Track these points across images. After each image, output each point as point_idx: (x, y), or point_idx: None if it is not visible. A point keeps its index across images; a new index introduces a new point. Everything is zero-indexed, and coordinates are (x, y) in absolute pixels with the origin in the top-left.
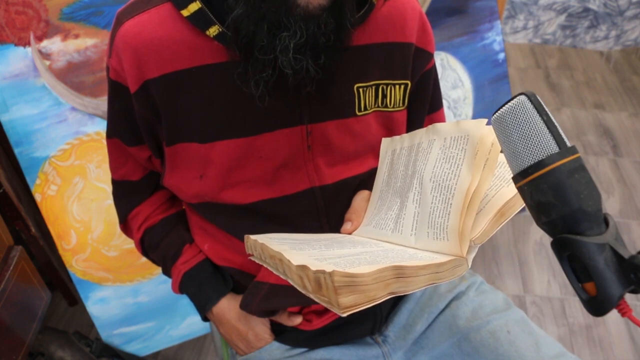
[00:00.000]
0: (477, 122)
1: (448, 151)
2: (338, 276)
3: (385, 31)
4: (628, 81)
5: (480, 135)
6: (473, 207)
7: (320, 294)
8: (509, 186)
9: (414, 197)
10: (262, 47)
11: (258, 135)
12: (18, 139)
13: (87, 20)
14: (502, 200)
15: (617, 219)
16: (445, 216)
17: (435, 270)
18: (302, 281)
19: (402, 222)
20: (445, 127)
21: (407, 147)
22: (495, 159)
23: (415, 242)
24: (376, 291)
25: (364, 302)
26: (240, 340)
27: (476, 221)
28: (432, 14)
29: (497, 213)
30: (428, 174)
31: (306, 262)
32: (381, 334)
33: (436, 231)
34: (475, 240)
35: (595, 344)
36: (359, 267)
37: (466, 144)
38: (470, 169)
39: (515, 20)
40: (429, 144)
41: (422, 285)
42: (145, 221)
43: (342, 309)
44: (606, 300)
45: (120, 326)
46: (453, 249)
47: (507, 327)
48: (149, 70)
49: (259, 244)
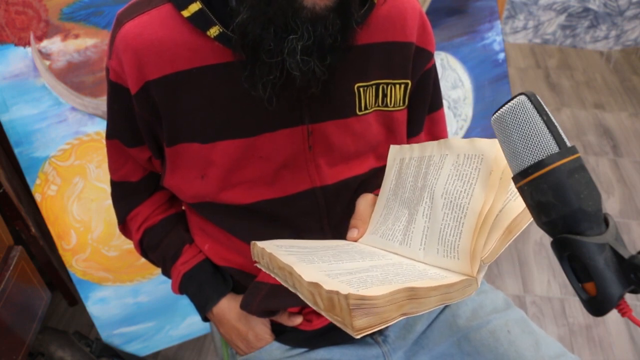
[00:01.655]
0: (492, 142)
1: (461, 169)
2: (353, 299)
3: (385, 31)
4: (628, 81)
5: (495, 156)
6: (485, 228)
7: (334, 313)
8: (516, 200)
9: (424, 211)
10: (269, 50)
11: (259, 136)
12: (18, 139)
13: (87, 20)
14: (510, 217)
15: (617, 219)
16: (456, 235)
17: (446, 291)
18: (314, 297)
19: (410, 235)
20: (458, 143)
21: (417, 157)
22: (508, 180)
23: (424, 256)
24: (389, 313)
25: (377, 324)
26: (240, 340)
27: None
28: (432, 14)
29: (505, 231)
30: (440, 189)
31: (318, 280)
32: (381, 334)
33: (447, 249)
34: (485, 260)
35: (595, 344)
36: (372, 288)
37: (480, 163)
38: (483, 189)
39: (515, 20)
40: (441, 159)
41: (433, 306)
42: (145, 222)
43: (356, 331)
44: (606, 300)
45: (120, 326)
46: (463, 268)
47: (507, 326)
48: (149, 72)
49: (267, 253)
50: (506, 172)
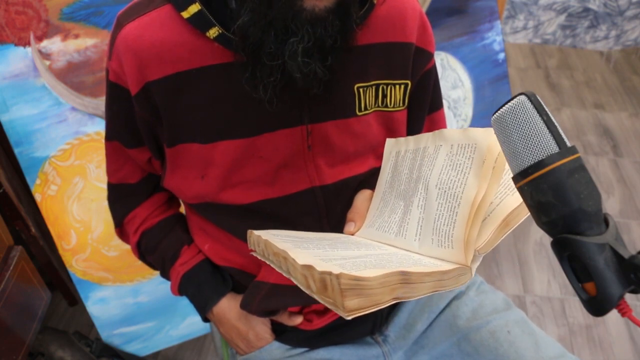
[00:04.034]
0: (485, 131)
1: (455, 158)
2: (345, 279)
3: (385, 31)
4: (628, 81)
5: (488, 145)
6: (479, 216)
7: (325, 295)
8: (514, 195)
9: (418, 202)
10: (270, 53)
11: (259, 136)
12: (18, 139)
13: (87, 20)
14: (507, 209)
15: (617, 219)
16: (450, 224)
17: (439, 278)
18: (307, 281)
19: (405, 227)
20: (452, 134)
21: (412, 150)
22: (502, 169)
23: (419, 247)
24: (381, 295)
25: (368, 306)
26: (240, 340)
27: (481, 231)
28: (432, 14)
29: (501, 223)
30: (434, 180)
31: (312, 262)
32: (381, 334)
33: (441, 238)
34: (480, 250)
35: (595, 344)
36: (365, 270)
37: (473, 152)
38: (477, 178)
39: (515, 20)
40: (435, 150)
41: (426, 292)
42: (142, 224)
43: (347, 311)
44: (606, 300)
45: (120, 326)
46: (457, 257)
47: (507, 327)
48: (150, 73)
49: (262, 240)
50: (500, 160)
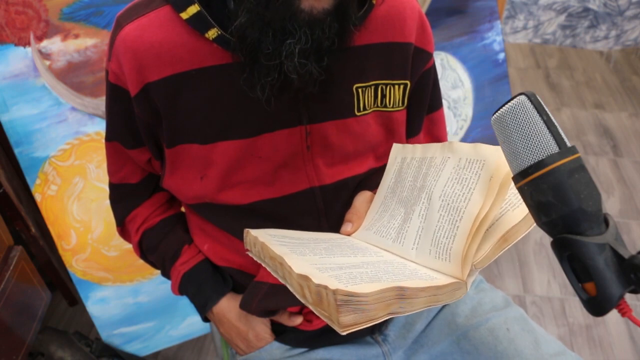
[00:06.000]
0: (496, 149)
1: (462, 172)
2: (340, 294)
3: (384, 31)
4: (628, 81)
5: (496, 163)
6: (479, 233)
7: (321, 307)
8: (514, 211)
9: (420, 211)
10: (267, 53)
11: (258, 136)
12: (18, 139)
13: (87, 20)
14: (507, 225)
15: (617, 219)
16: (450, 237)
17: (434, 293)
18: (302, 290)
19: (404, 234)
20: (461, 147)
21: (419, 158)
22: (507, 187)
23: (416, 256)
24: (376, 311)
25: (363, 322)
26: (240, 340)
27: (479, 246)
28: (432, 14)
29: (500, 238)
30: (438, 191)
31: (308, 273)
32: (381, 333)
33: (439, 251)
34: (477, 265)
35: (595, 344)
36: (361, 284)
37: (481, 168)
38: (482, 195)
39: (515, 20)
40: (442, 161)
41: (421, 307)
42: (144, 223)
43: (342, 327)
44: (606, 300)
45: (120, 326)
46: (454, 271)
47: (507, 324)
48: (149, 74)
49: (259, 242)
50: (506, 180)
